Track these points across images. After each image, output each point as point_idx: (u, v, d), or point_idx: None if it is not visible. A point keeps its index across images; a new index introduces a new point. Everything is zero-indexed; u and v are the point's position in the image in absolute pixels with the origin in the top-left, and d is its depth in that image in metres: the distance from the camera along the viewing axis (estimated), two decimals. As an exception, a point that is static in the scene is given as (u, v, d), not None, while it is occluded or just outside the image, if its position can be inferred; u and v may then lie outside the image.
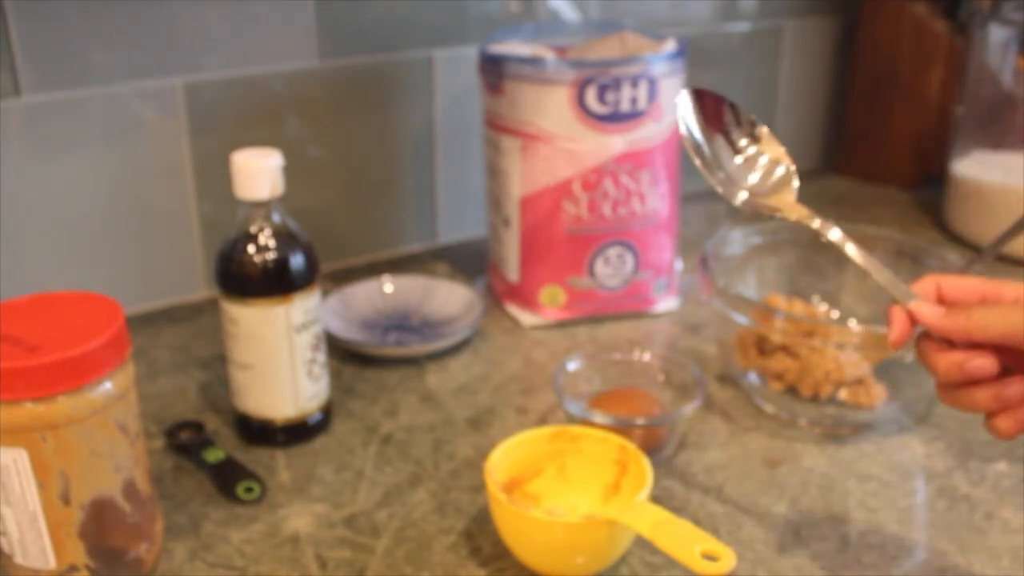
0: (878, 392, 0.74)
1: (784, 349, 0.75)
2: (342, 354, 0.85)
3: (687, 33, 1.16)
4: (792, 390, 0.76)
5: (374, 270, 1.01)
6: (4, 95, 0.81)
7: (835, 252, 0.85)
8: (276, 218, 0.68)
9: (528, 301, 0.91)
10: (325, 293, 0.89)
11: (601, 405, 0.71)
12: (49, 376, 0.51)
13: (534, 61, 0.84)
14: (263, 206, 0.67)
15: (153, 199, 0.91)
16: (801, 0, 1.26)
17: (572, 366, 0.75)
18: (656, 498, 0.60)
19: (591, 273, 0.89)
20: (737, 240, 0.84)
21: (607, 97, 0.83)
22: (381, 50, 0.98)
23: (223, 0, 0.88)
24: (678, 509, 0.65)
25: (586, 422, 0.68)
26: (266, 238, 0.68)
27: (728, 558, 0.53)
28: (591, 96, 0.83)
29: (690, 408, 0.69)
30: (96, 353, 0.53)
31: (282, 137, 0.95)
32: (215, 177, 0.91)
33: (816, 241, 0.85)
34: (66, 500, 0.54)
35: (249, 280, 0.67)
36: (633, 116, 0.85)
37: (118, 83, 0.86)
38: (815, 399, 0.75)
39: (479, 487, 0.67)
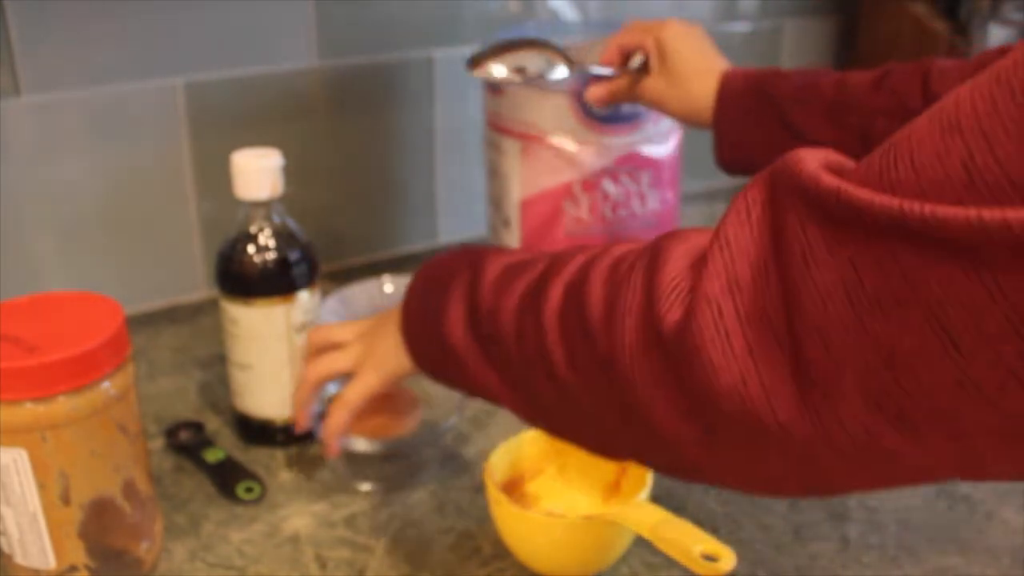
0: None
1: None
2: (342, 354, 0.84)
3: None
4: None
5: (374, 270, 1.00)
6: (4, 95, 0.81)
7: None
8: (276, 218, 0.68)
9: None
10: (325, 293, 0.89)
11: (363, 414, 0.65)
12: (49, 376, 0.51)
13: None
14: (263, 206, 0.67)
15: (153, 199, 0.91)
16: (801, 0, 1.26)
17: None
18: (656, 498, 0.60)
19: None
20: None
21: None
22: (381, 50, 0.98)
23: (223, 0, 0.88)
24: (678, 509, 0.64)
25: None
26: (266, 238, 0.68)
27: (728, 558, 0.52)
28: None
29: (449, 423, 0.67)
30: (96, 353, 0.53)
31: (282, 137, 0.95)
32: (215, 177, 0.91)
33: None
34: (66, 500, 0.54)
35: (249, 280, 0.67)
36: (634, 118, 0.85)
37: (118, 83, 0.85)
38: None
39: (479, 487, 0.67)
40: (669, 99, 0.75)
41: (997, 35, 1.07)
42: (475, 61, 0.77)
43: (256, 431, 0.72)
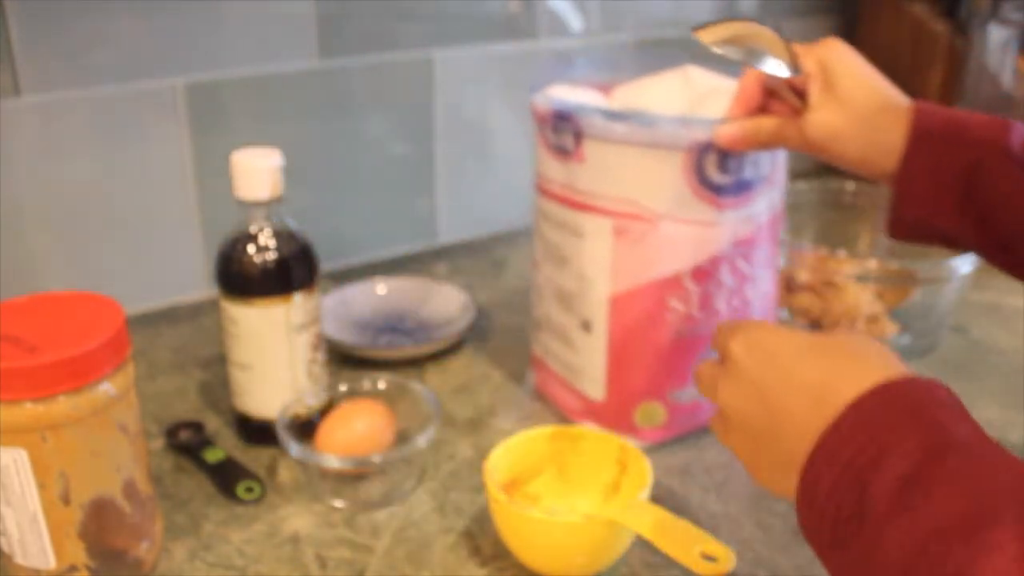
0: (891, 327, 0.84)
1: (809, 288, 0.83)
2: (342, 354, 0.84)
3: (687, 34, 1.16)
4: (816, 324, 0.85)
5: (373, 270, 1.01)
6: (4, 95, 0.81)
7: (858, 214, 0.96)
8: (276, 218, 0.68)
9: (618, 422, 0.71)
10: (325, 293, 0.89)
11: (333, 423, 0.68)
12: (49, 376, 0.51)
13: (635, 118, 0.64)
14: (263, 206, 0.67)
15: (153, 199, 0.91)
16: (801, 0, 1.26)
17: None
18: (656, 498, 0.60)
19: None
20: None
21: (729, 164, 0.65)
22: (381, 50, 0.98)
23: (223, 0, 0.88)
24: (678, 509, 0.65)
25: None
26: (266, 238, 0.68)
27: (728, 558, 0.53)
28: (711, 163, 0.65)
29: (426, 435, 0.67)
30: (96, 353, 0.53)
31: (282, 137, 0.95)
32: (215, 177, 0.91)
33: (840, 202, 0.99)
34: (66, 500, 0.54)
35: (249, 280, 0.67)
36: (756, 183, 0.67)
37: (118, 83, 0.86)
38: None
39: (479, 487, 0.67)
40: (848, 140, 0.59)
41: (997, 35, 1.07)
42: (704, 26, 0.66)
43: (256, 431, 0.72)
